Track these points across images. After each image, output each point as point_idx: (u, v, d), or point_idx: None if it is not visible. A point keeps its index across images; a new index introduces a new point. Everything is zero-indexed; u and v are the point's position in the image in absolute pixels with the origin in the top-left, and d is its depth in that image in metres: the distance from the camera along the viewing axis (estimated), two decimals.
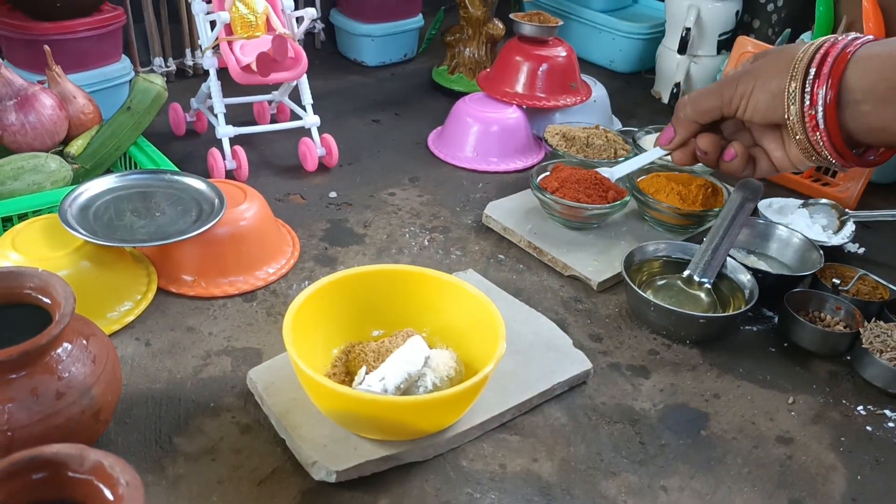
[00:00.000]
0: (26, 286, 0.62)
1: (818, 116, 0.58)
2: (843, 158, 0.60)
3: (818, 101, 0.58)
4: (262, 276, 0.89)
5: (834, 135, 0.59)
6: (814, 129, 0.59)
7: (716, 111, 0.66)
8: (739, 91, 0.63)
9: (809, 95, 0.58)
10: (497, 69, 1.31)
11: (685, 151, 0.71)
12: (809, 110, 0.59)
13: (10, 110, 0.97)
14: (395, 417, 0.63)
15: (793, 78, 0.59)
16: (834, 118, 0.58)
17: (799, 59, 0.59)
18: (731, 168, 0.69)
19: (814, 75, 0.58)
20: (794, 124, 0.60)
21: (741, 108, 0.64)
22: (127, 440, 0.67)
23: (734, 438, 0.72)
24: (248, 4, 1.08)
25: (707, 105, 0.66)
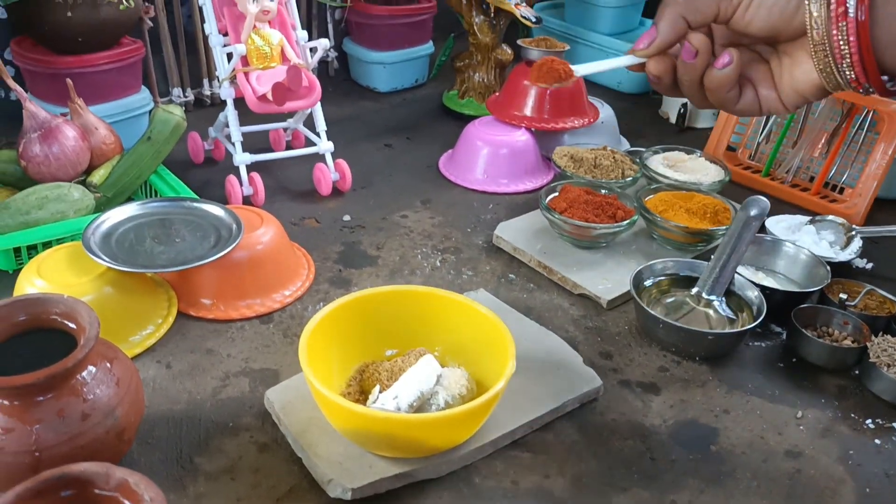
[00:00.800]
0: (53, 312, 0.65)
1: (851, 16, 0.47)
2: (865, 68, 0.49)
3: (851, 1, 0.47)
4: (278, 298, 0.92)
5: (864, 32, 0.47)
6: (840, 16, 0.47)
7: (712, 8, 0.53)
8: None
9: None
10: (506, 93, 1.33)
11: (663, 62, 0.56)
12: (839, 8, 0.47)
13: (35, 142, 1.01)
14: (408, 435, 0.64)
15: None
16: (867, 22, 0.47)
17: None
18: (721, 80, 0.54)
19: None
20: (816, 11, 0.49)
21: (743, 6, 0.52)
22: (149, 460, 0.69)
23: (743, 453, 0.73)
24: (263, 37, 1.11)
25: (702, 2, 0.53)
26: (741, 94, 0.55)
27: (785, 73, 0.54)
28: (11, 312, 0.64)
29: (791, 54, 0.53)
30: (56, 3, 1.12)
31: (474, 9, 1.46)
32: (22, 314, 0.64)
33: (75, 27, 1.14)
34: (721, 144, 1.31)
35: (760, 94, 0.55)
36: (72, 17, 1.13)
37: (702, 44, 0.54)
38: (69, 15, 1.13)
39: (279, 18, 1.14)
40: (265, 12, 1.11)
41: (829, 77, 0.51)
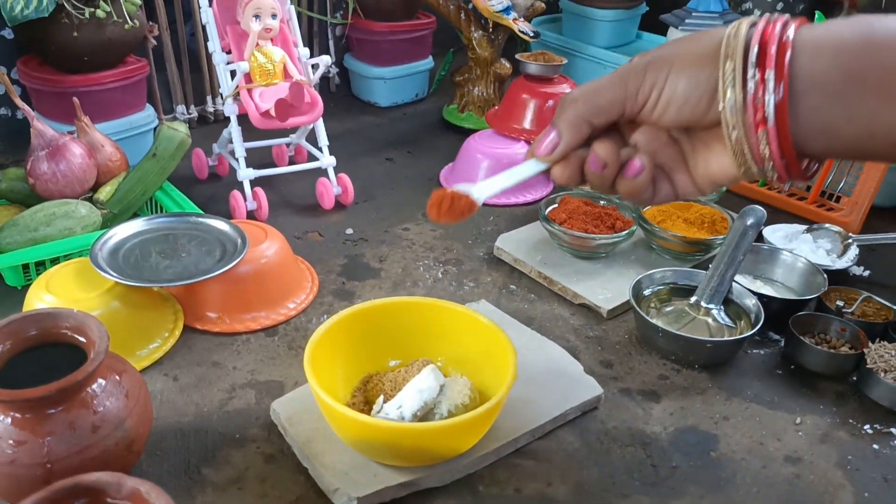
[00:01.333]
0: (63, 326, 0.66)
1: (767, 107, 0.43)
2: (786, 164, 0.45)
3: (768, 89, 0.43)
4: (283, 311, 0.93)
5: (783, 132, 0.44)
6: (759, 123, 0.44)
7: (616, 106, 0.48)
8: (649, 80, 0.47)
9: (755, 81, 0.44)
10: (505, 107, 1.35)
11: (569, 166, 0.50)
12: (756, 100, 0.44)
13: (42, 160, 1.03)
14: (412, 443, 0.65)
15: (728, 57, 0.44)
16: (785, 111, 0.44)
17: (730, 37, 0.45)
18: (635, 186, 0.50)
19: (756, 56, 0.44)
20: (732, 116, 0.45)
21: (651, 102, 0.47)
22: (158, 471, 0.70)
23: (743, 459, 0.74)
24: (266, 54, 1.13)
25: (606, 98, 0.48)
26: (655, 190, 0.51)
27: (700, 161, 0.50)
28: (23, 327, 0.65)
29: (707, 143, 0.49)
30: (62, 24, 1.14)
31: (473, 24, 1.49)
32: (33, 328, 0.65)
33: (81, 47, 1.16)
34: None
35: (675, 181, 0.51)
36: (78, 37, 1.15)
37: (609, 154, 0.49)
38: (75, 35, 1.15)
39: (281, 36, 1.16)
40: (267, 30, 1.13)
41: (748, 173, 0.47)
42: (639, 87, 0.48)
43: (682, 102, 0.46)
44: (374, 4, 1.60)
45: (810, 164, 0.47)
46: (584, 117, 0.49)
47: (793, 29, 0.44)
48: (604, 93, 0.49)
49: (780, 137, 0.44)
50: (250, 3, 1.11)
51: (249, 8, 1.11)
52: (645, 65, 0.48)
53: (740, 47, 0.44)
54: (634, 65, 0.48)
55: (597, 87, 0.49)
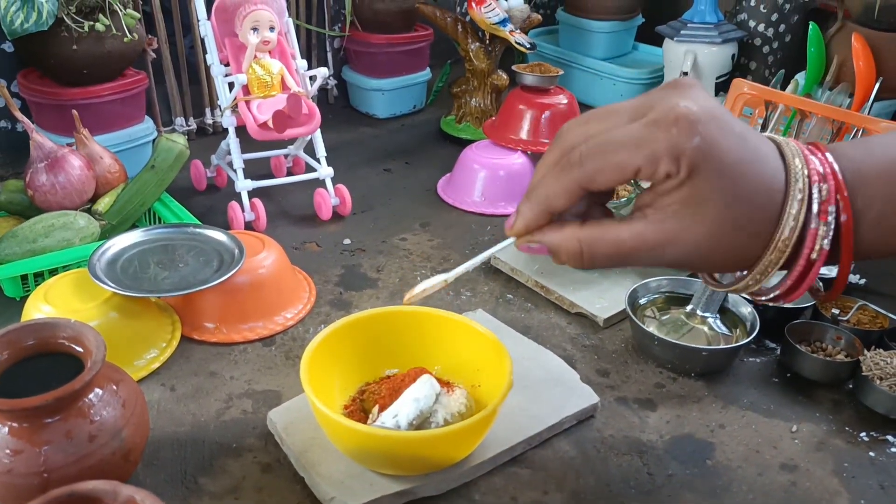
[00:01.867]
0: (60, 336, 0.66)
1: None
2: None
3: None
4: (280, 321, 0.93)
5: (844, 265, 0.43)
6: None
7: (618, 181, 0.42)
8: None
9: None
10: (502, 117, 1.36)
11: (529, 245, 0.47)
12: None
13: (41, 172, 1.03)
14: (408, 452, 0.66)
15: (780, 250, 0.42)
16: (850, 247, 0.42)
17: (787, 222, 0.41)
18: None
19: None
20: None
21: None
22: (155, 480, 0.70)
23: (739, 467, 0.74)
24: (264, 66, 1.14)
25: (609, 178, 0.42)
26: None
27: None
28: (20, 337, 0.65)
29: None
30: (62, 37, 1.15)
31: (470, 36, 1.50)
32: (30, 338, 0.66)
33: (80, 60, 1.17)
34: None
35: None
36: (77, 50, 1.16)
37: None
38: (74, 48, 1.16)
39: (279, 48, 1.17)
40: (265, 42, 1.14)
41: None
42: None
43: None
44: (371, 17, 1.61)
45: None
46: (544, 208, 0.44)
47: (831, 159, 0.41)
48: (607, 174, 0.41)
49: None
50: (248, 15, 1.12)
51: (247, 21, 1.12)
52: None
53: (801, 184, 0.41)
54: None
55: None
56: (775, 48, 1.55)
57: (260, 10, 1.12)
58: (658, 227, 0.41)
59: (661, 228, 0.41)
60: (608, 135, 0.41)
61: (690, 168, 0.39)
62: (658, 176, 0.40)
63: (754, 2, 1.53)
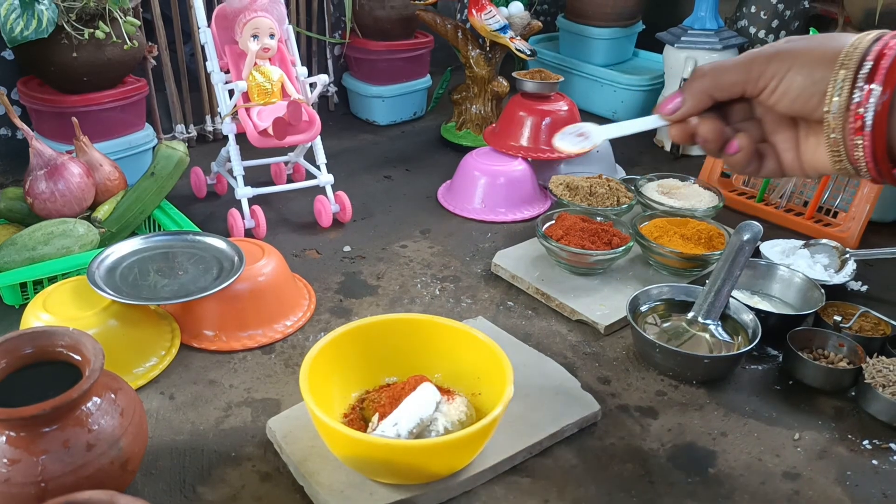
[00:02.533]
0: (58, 344, 0.66)
1: (867, 116, 0.49)
2: (879, 169, 0.51)
3: (870, 98, 0.48)
4: (280, 329, 0.93)
5: (879, 140, 0.49)
6: (857, 130, 0.49)
7: (738, 87, 0.54)
8: (771, 69, 0.52)
9: (861, 91, 0.49)
10: (502, 124, 1.36)
11: (685, 128, 0.58)
12: (857, 108, 0.49)
13: (41, 179, 1.03)
14: (408, 461, 0.65)
15: (843, 66, 0.49)
16: (884, 120, 0.49)
17: (853, 48, 0.50)
18: (734, 162, 0.57)
19: (870, 69, 0.48)
20: (834, 120, 0.50)
21: (769, 90, 0.53)
22: (153, 490, 0.70)
23: (741, 475, 0.73)
24: (264, 73, 1.14)
25: (731, 78, 0.54)
26: (762, 164, 0.57)
27: (809, 149, 0.55)
28: (18, 345, 0.65)
29: (818, 134, 0.53)
30: (62, 44, 1.15)
31: (470, 43, 1.50)
32: (28, 346, 0.65)
33: (81, 67, 1.17)
34: (715, 171, 1.33)
35: (783, 160, 0.57)
36: (77, 58, 1.16)
37: (711, 131, 0.56)
38: (74, 55, 1.16)
39: (279, 55, 1.17)
40: (266, 50, 1.14)
41: (845, 173, 0.53)
42: (761, 74, 0.53)
43: (795, 96, 0.51)
44: (372, 24, 1.61)
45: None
46: (708, 91, 0.55)
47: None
48: (729, 73, 0.54)
49: (874, 145, 0.49)
50: (248, 22, 1.12)
51: (248, 28, 1.12)
52: (770, 55, 0.52)
53: (856, 58, 0.49)
54: (761, 52, 0.53)
55: (724, 67, 0.55)
56: None
57: (260, 17, 1.12)
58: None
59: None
60: (723, 62, 0.55)
61: (772, 57, 0.52)
62: (755, 85, 0.53)
63: (754, 8, 1.53)
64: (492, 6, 1.43)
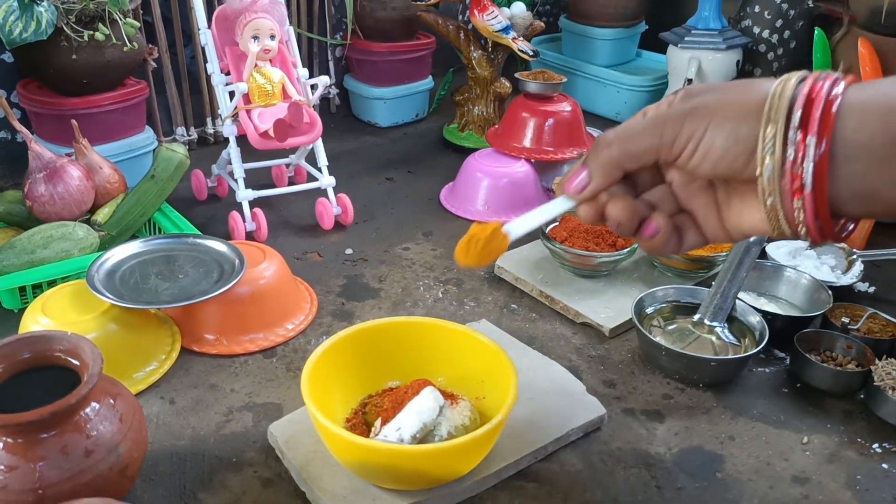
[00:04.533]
0: (56, 349, 0.65)
1: (805, 175, 0.42)
2: (822, 232, 0.44)
3: (807, 156, 0.42)
4: (281, 332, 0.92)
5: (820, 199, 0.43)
6: (796, 191, 0.43)
7: (651, 154, 0.47)
8: (687, 130, 0.46)
9: (794, 146, 0.42)
10: (505, 125, 1.35)
11: (593, 209, 0.50)
12: (794, 168, 0.43)
13: (40, 182, 1.02)
14: (411, 466, 0.64)
15: (771, 121, 0.43)
16: (824, 176, 0.43)
17: (776, 96, 0.43)
18: (651, 246, 0.50)
19: (799, 121, 0.42)
20: (768, 183, 0.44)
21: (686, 153, 0.46)
22: (153, 496, 0.69)
23: (750, 480, 0.72)
24: (265, 75, 1.13)
25: (642, 145, 0.47)
26: (683, 239, 0.51)
27: (733, 211, 0.48)
28: (16, 350, 0.64)
29: (742, 195, 0.47)
30: (61, 47, 1.14)
31: (472, 44, 1.49)
32: (26, 351, 0.64)
33: (80, 69, 1.16)
34: None
35: (705, 229, 0.50)
36: (77, 60, 1.15)
37: (624, 212, 0.49)
38: (74, 58, 1.15)
39: (280, 57, 1.17)
40: (266, 51, 1.13)
41: (781, 234, 0.46)
42: (675, 137, 0.46)
43: (718, 157, 0.45)
44: (373, 25, 1.60)
45: (845, 225, 0.46)
46: (617, 162, 0.48)
47: (841, 88, 0.42)
48: (639, 139, 0.48)
49: (816, 204, 0.43)
50: (249, 24, 1.11)
51: (248, 29, 1.11)
52: (684, 113, 0.46)
53: (784, 109, 0.43)
54: (674, 111, 0.47)
55: (633, 132, 0.48)
56: (780, 54, 1.54)
57: (260, 18, 1.11)
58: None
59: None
60: (630, 125, 0.48)
61: (686, 115, 0.46)
62: (674, 150, 0.46)
63: (758, 8, 1.52)
64: (494, 7, 1.42)
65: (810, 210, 0.43)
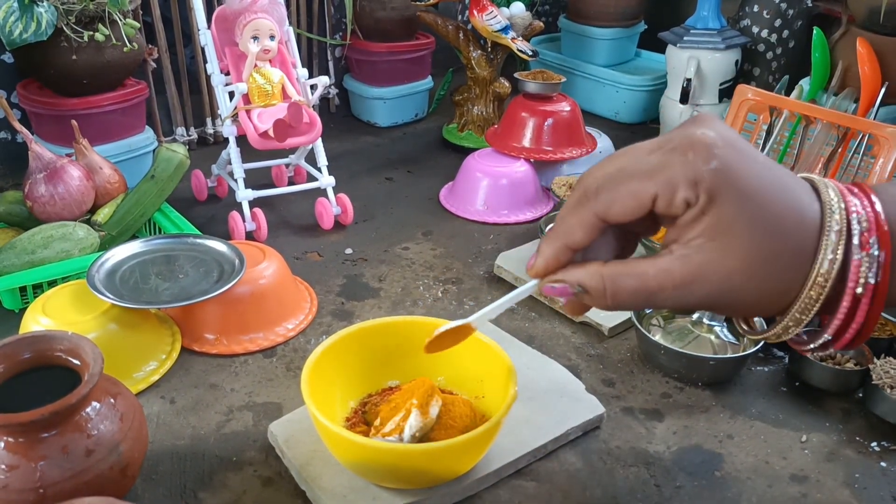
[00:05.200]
0: (57, 349, 0.65)
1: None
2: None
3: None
4: (281, 332, 0.92)
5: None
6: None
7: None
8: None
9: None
10: (504, 125, 1.35)
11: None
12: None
13: (40, 182, 1.02)
14: (411, 465, 0.64)
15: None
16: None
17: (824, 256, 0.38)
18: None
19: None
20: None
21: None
22: (153, 495, 0.69)
23: (749, 478, 0.73)
24: (264, 75, 1.13)
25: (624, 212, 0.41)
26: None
27: None
28: (16, 350, 0.64)
29: None
30: (61, 47, 1.14)
31: (472, 44, 1.49)
32: (26, 351, 0.65)
33: (80, 70, 1.17)
34: None
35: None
36: (77, 60, 1.15)
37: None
38: (74, 58, 1.15)
39: (280, 57, 1.17)
40: (266, 51, 1.13)
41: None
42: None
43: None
44: (373, 25, 1.60)
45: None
46: (566, 244, 0.43)
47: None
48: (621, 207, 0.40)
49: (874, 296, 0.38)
50: (248, 24, 1.11)
51: (248, 29, 1.11)
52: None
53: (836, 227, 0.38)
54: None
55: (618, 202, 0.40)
56: (779, 54, 1.54)
57: (260, 18, 1.12)
58: (684, 262, 0.39)
59: (687, 263, 0.39)
60: (625, 166, 0.40)
61: (710, 194, 0.37)
62: (677, 204, 0.38)
63: (757, 7, 1.53)
64: (493, 7, 1.43)
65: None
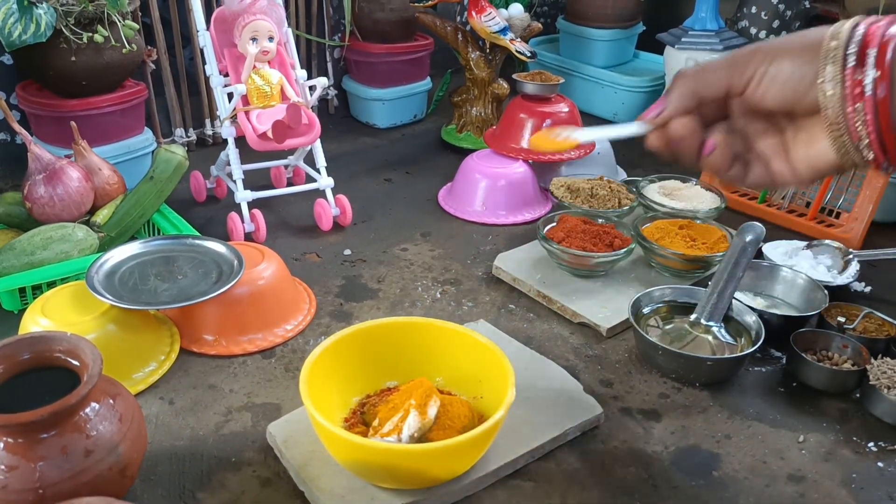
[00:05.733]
0: (56, 350, 0.66)
1: (868, 95, 0.46)
2: (888, 156, 0.47)
3: (868, 63, 0.46)
4: (280, 333, 0.92)
5: (885, 123, 0.46)
6: (858, 119, 0.47)
7: (723, 83, 0.52)
8: (756, 60, 0.51)
9: (855, 56, 0.47)
10: (503, 126, 1.35)
11: (661, 137, 0.55)
12: (855, 88, 0.46)
13: (39, 184, 1.03)
14: (409, 465, 0.64)
15: (833, 38, 0.48)
16: (887, 99, 0.46)
17: (836, 27, 0.48)
18: (711, 164, 0.54)
19: (862, 35, 0.47)
20: (832, 105, 0.47)
21: (755, 81, 0.51)
22: (152, 496, 0.69)
23: (746, 478, 0.73)
24: (263, 76, 1.14)
25: (715, 74, 0.52)
26: (748, 170, 0.54)
27: (800, 148, 0.52)
28: (16, 351, 0.64)
29: (808, 129, 0.51)
30: (60, 49, 1.14)
31: (470, 45, 1.49)
32: (26, 352, 0.65)
33: (79, 71, 1.17)
34: None
35: (773, 168, 0.53)
36: (76, 62, 1.16)
37: (684, 130, 0.54)
38: (73, 59, 1.15)
39: (278, 58, 1.17)
40: (265, 53, 1.13)
41: (846, 157, 0.49)
42: (745, 66, 0.51)
43: (783, 82, 0.50)
44: (371, 26, 1.61)
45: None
46: (692, 89, 0.53)
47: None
48: (713, 71, 0.53)
49: (877, 109, 0.46)
50: (247, 25, 1.11)
51: (247, 31, 1.11)
52: (753, 50, 0.51)
53: (846, 32, 0.47)
54: (744, 50, 0.52)
55: (707, 66, 0.53)
56: None
57: (259, 20, 1.12)
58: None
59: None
60: (708, 62, 0.54)
61: (755, 52, 0.51)
62: (741, 79, 0.51)
63: (755, 9, 1.53)
64: (491, 8, 1.43)
65: (871, 119, 0.46)
